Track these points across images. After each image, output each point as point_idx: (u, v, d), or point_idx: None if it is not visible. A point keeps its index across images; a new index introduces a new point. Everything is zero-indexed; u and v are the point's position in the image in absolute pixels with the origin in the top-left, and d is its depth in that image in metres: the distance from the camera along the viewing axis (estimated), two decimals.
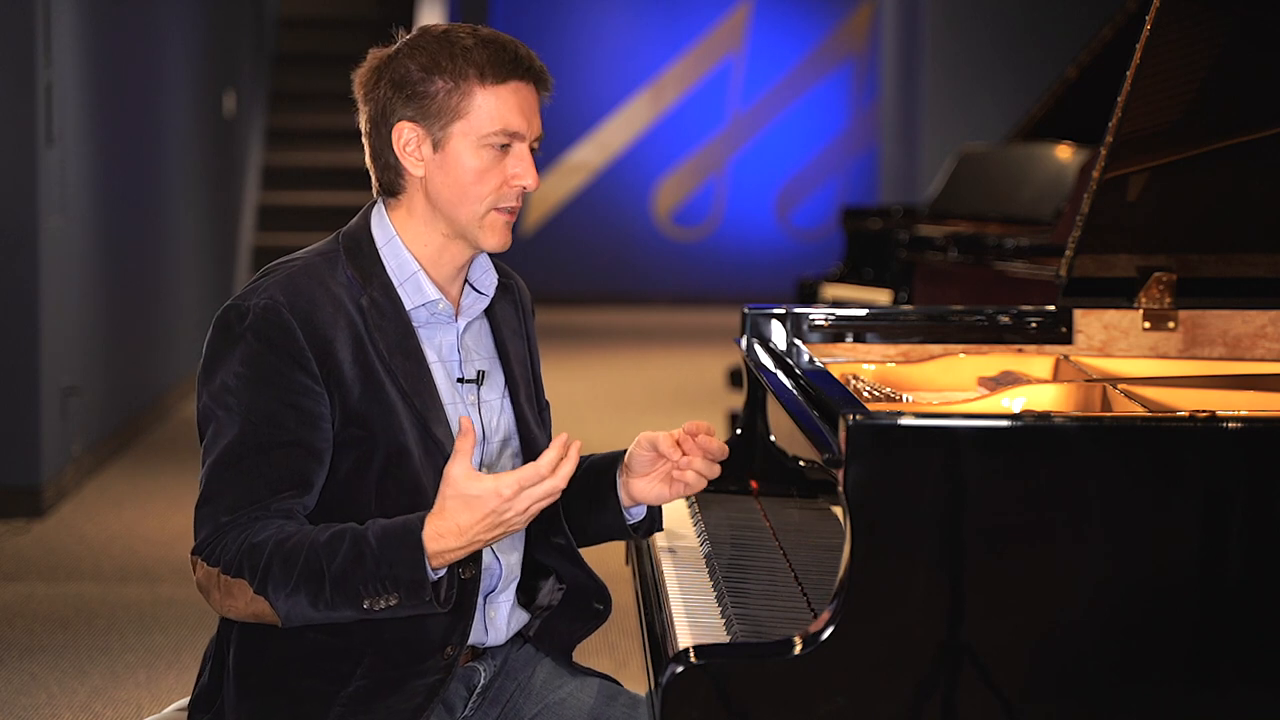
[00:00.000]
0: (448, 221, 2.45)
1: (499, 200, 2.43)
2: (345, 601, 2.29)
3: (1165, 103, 2.99)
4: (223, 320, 2.38)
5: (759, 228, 14.91)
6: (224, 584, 2.31)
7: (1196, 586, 2.14)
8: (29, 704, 4.53)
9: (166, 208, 8.95)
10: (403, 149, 2.43)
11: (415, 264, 2.46)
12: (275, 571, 2.29)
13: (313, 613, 2.31)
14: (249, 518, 2.32)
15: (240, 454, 2.33)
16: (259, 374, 2.33)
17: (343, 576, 2.28)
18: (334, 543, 2.30)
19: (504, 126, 2.41)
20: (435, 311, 2.47)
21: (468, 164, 2.41)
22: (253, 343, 2.34)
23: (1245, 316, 3.17)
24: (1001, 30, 10.23)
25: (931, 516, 2.13)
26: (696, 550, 2.77)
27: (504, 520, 2.27)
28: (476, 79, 2.40)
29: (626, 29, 14.86)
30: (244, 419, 2.33)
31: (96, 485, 7.15)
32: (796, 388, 2.62)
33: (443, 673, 2.40)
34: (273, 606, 2.30)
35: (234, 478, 2.33)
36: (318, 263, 2.43)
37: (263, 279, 2.40)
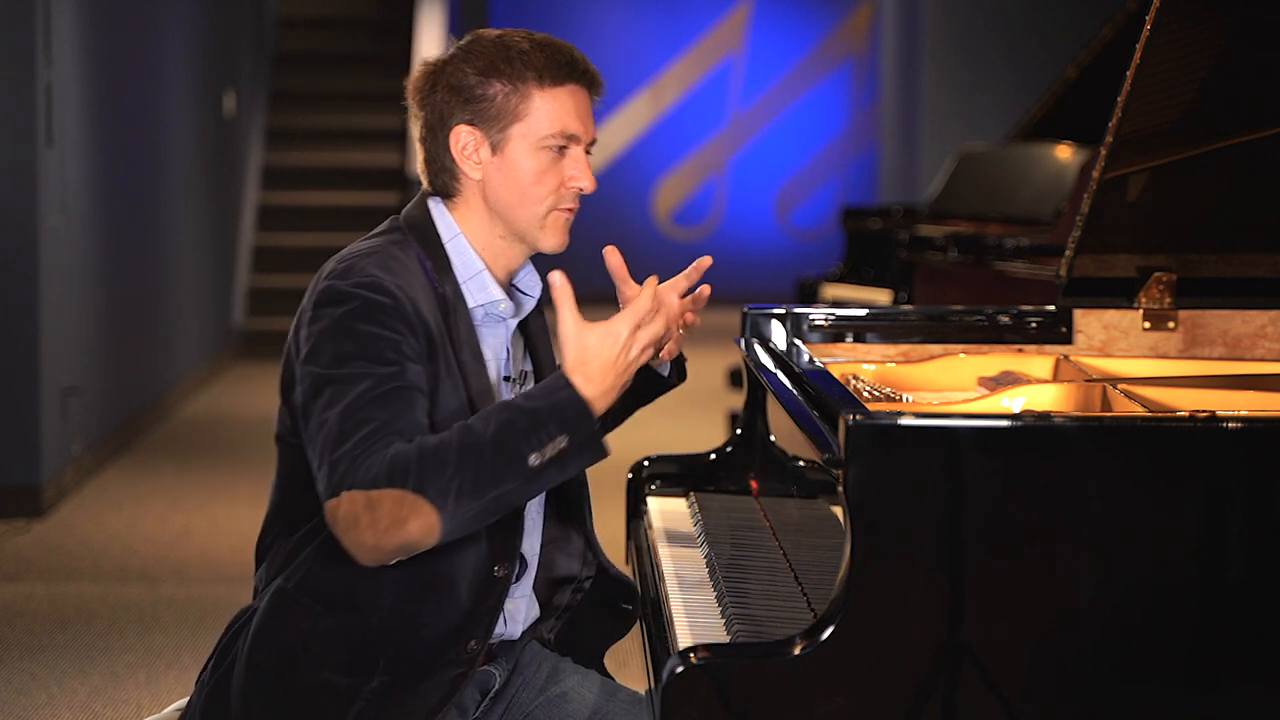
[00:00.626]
0: (506, 224, 2.47)
1: (558, 201, 2.47)
2: (510, 467, 2.25)
3: (1165, 103, 2.99)
4: (328, 300, 2.35)
5: (759, 228, 14.91)
6: (375, 501, 2.24)
7: (1196, 586, 2.14)
8: (29, 704, 4.53)
9: (166, 208, 8.95)
10: (460, 152, 2.45)
11: (480, 262, 2.48)
12: (429, 463, 2.24)
13: (475, 502, 2.25)
14: (385, 443, 2.27)
15: (373, 397, 2.29)
16: (378, 335, 2.32)
17: (501, 437, 2.25)
18: (482, 417, 2.28)
19: (562, 129, 2.44)
20: (492, 311, 2.49)
21: (526, 166, 2.44)
22: (367, 312, 2.33)
23: (1245, 316, 3.17)
24: (1001, 30, 10.23)
25: (931, 516, 2.13)
26: (696, 550, 2.77)
27: (628, 356, 2.32)
28: (535, 82, 2.43)
29: (626, 29, 14.86)
30: (373, 370, 2.30)
31: (96, 485, 7.15)
32: (796, 388, 2.62)
33: (464, 666, 2.40)
34: (432, 505, 2.23)
35: (369, 416, 2.28)
36: (395, 250, 2.43)
37: (349, 262, 2.39)
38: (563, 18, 14.77)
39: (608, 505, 2.81)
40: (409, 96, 2.51)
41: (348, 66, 12.49)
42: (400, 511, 2.24)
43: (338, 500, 2.26)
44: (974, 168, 7.17)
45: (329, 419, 2.30)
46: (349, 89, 12.26)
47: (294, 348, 2.42)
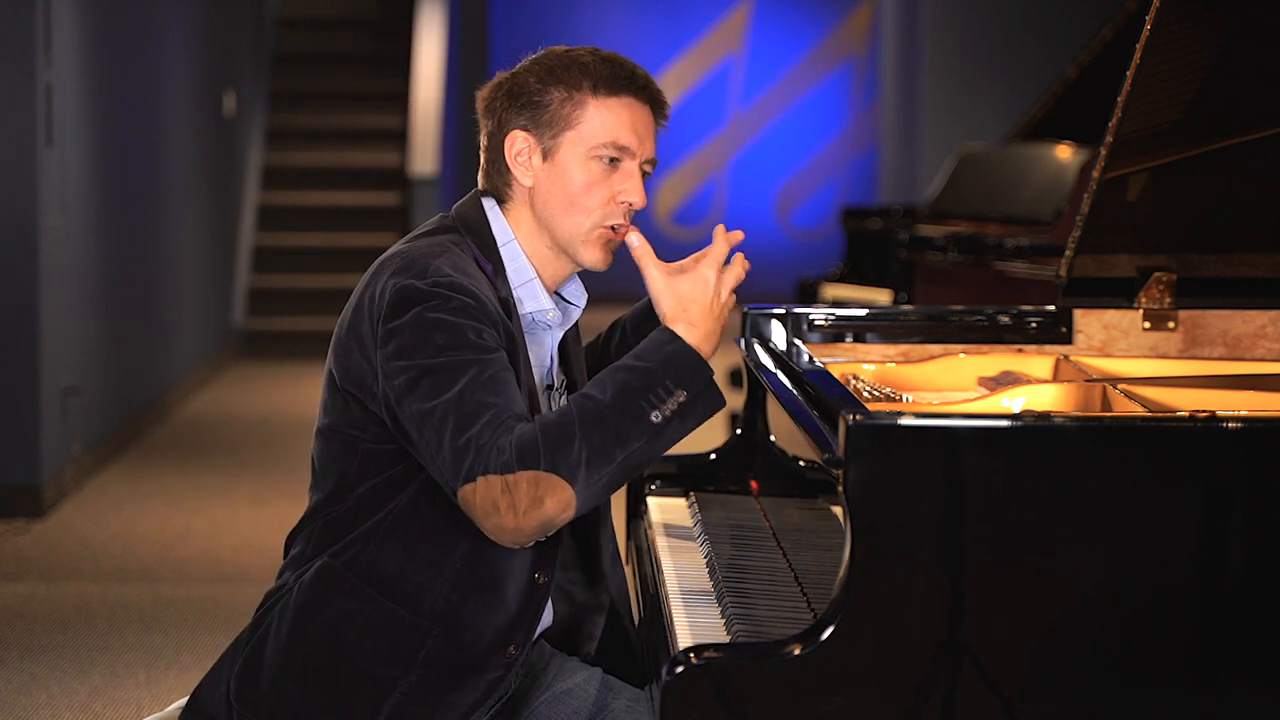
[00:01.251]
0: (552, 234, 2.48)
1: (605, 217, 2.47)
2: (634, 427, 2.27)
3: (1165, 103, 2.99)
4: (407, 299, 2.34)
5: (759, 228, 14.91)
6: (511, 484, 2.24)
7: (1196, 586, 2.14)
8: (29, 704, 4.53)
9: (166, 208, 8.95)
10: (514, 157, 2.46)
11: (532, 270, 2.49)
12: (554, 438, 2.25)
13: (605, 469, 2.26)
14: (508, 426, 2.28)
15: (484, 382, 2.29)
16: (467, 327, 2.32)
17: (620, 399, 2.28)
18: (597, 384, 2.31)
19: (613, 139, 2.45)
20: (540, 319, 2.50)
21: (576, 175, 2.45)
22: (451, 308, 2.33)
23: (1245, 316, 3.17)
24: (1001, 30, 10.23)
25: (931, 516, 2.13)
26: (696, 550, 2.77)
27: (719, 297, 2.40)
28: (590, 90, 2.44)
29: (627, 29, 14.86)
30: (476, 356, 2.31)
31: (96, 485, 7.15)
32: (796, 388, 2.62)
33: (503, 670, 2.41)
34: (566, 478, 2.24)
35: (486, 400, 2.28)
36: (457, 251, 2.43)
37: (420, 262, 2.37)
38: (563, 18, 14.77)
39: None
40: (478, 108, 2.52)
41: (348, 66, 12.49)
42: (536, 491, 2.25)
43: (473, 486, 2.26)
44: (974, 168, 7.17)
45: (439, 408, 2.30)
46: (349, 89, 12.26)
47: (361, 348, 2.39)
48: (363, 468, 2.42)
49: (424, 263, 2.38)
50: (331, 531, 2.43)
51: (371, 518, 2.40)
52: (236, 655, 2.45)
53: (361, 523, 2.41)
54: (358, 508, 2.42)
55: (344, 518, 2.43)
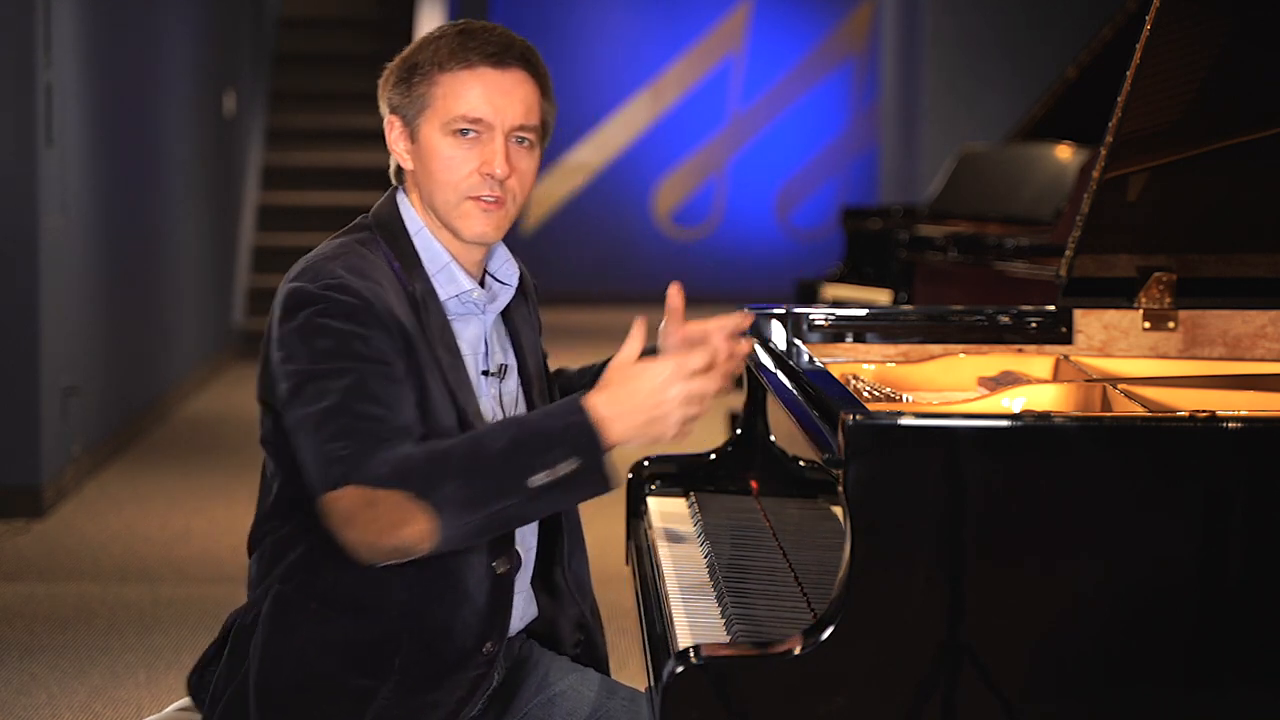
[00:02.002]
0: (434, 211, 2.48)
1: (471, 189, 2.44)
2: (512, 482, 2.22)
3: (1165, 103, 2.99)
4: (297, 302, 2.34)
5: (759, 228, 14.91)
6: (376, 501, 2.23)
7: (1196, 586, 2.14)
8: (29, 704, 4.53)
9: (166, 207, 8.95)
10: (393, 143, 2.49)
11: (446, 254, 2.48)
12: (434, 470, 2.23)
13: (473, 515, 2.22)
14: (389, 440, 2.26)
15: (364, 391, 2.28)
16: (355, 333, 2.32)
17: (509, 452, 2.23)
18: (494, 429, 2.28)
19: (463, 112, 2.43)
20: (467, 302, 2.49)
21: (435, 152, 2.44)
22: (340, 313, 2.32)
23: (1245, 316, 3.17)
24: (1002, 30, 10.23)
25: (931, 516, 2.13)
26: (696, 550, 2.77)
27: (664, 400, 2.24)
28: (438, 66, 2.44)
29: (626, 29, 14.86)
30: (358, 365, 2.30)
31: (96, 485, 7.15)
32: (796, 388, 2.62)
33: (483, 668, 2.41)
34: (432, 512, 2.21)
35: (364, 410, 2.27)
36: (362, 250, 2.43)
37: (316, 265, 2.38)
38: (563, 17, 14.77)
39: (608, 505, 2.80)
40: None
41: (348, 66, 12.49)
42: (399, 514, 2.23)
43: (339, 494, 2.25)
44: (974, 168, 7.16)
45: (316, 413, 2.29)
46: (349, 89, 12.26)
47: (265, 351, 2.41)
48: (290, 479, 2.40)
49: (320, 266, 2.37)
50: (279, 552, 2.42)
51: (311, 534, 2.38)
52: (219, 697, 2.44)
53: (303, 541, 2.40)
54: (296, 524, 2.40)
55: (288, 538, 2.41)
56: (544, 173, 14.72)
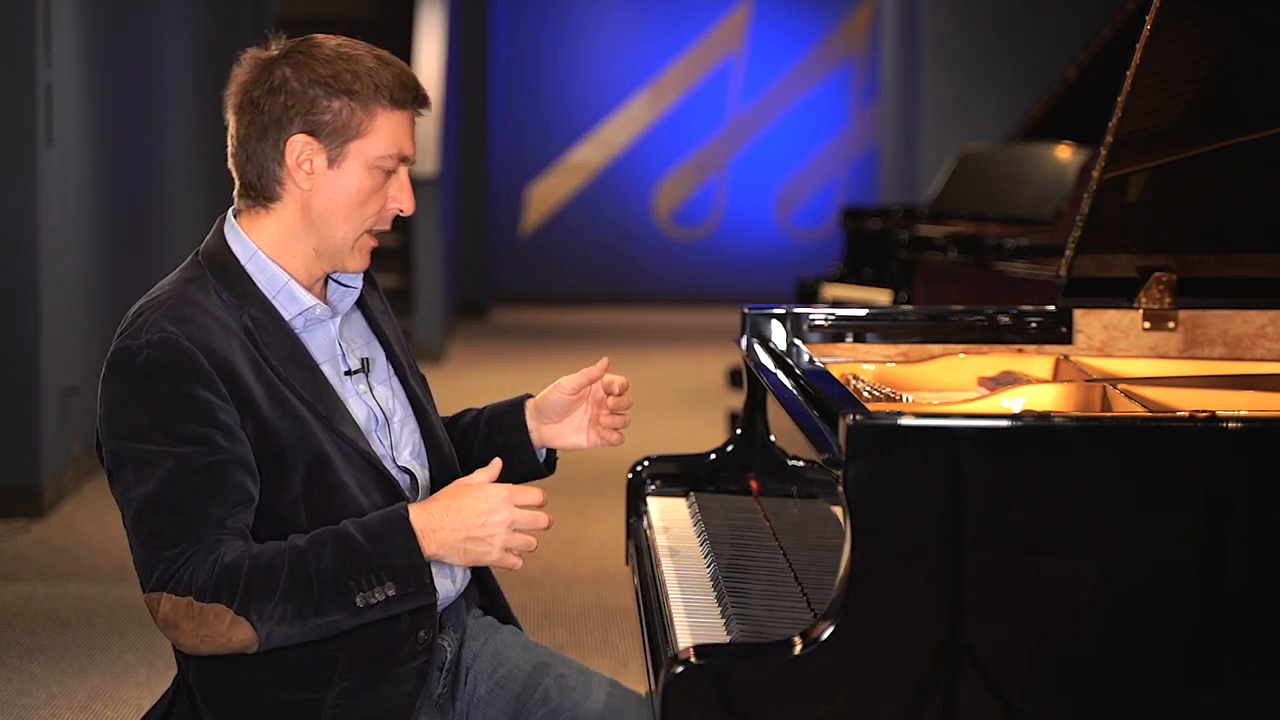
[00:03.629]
0: (320, 238, 2.45)
1: (376, 223, 2.46)
2: (336, 602, 2.28)
3: (1165, 103, 2.99)
4: (118, 363, 2.33)
5: (759, 228, 14.91)
6: (197, 612, 2.27)
7: (1196, 586, 2.14)
8: (29, 704, 4.53)
9: (166, 208, 8.95)
10: (294, 160, 2.42)
11: (284, 274, 2.45)
12: (256, 586, 2.26)
13: (296, 628, 2.28)
14: (210, 540, 2.28)
15: (182, 482, 2.28)
16: (175, 403, 2.29)
17: (333, 575, 2.28)
18: (316, 545, 2.29)
19: (399, 150, 2.44)
20: (312, 316, 2.47)
21: (357, 184, 2.42)
22: (159, 376, 2.30)
23: (1245, 316, 3.17)
24: (1001, 30, 10.23)
25: (931, 517, 2.13)
26: (696, 550, 2.77)
27: (487, 523, 2.32)
28: (381, 102, 2.42)
29: (626, 29, 14.86)
30: (175, 449, 2.28)
31: (96, 485, 7.15)
32: (796, 388, 2.62)
33: (423, 656, 2.41)
34: (254, 626, 2.26)
35: (181, 505, 2.28)
36: (190, 290, 2.39)
37: (143, 315, 2.35)
38: (563, 17, 14.77)
39: (608, 505, 2.80)
40: (234, 88, 2.49)
41: None
42: (221, 626, 2.27)
43: (159, 597, 2.28)
44: (974, 168, 7.17)
45: (136, 500, 2.29)
46: None
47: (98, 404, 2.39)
48: None
49: (144, 317, 2.35)
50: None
51: None
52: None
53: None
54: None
55: None
56: (544, 173, 14.73)
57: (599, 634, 5.05)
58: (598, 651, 4.84)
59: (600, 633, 5.06)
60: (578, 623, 5.11)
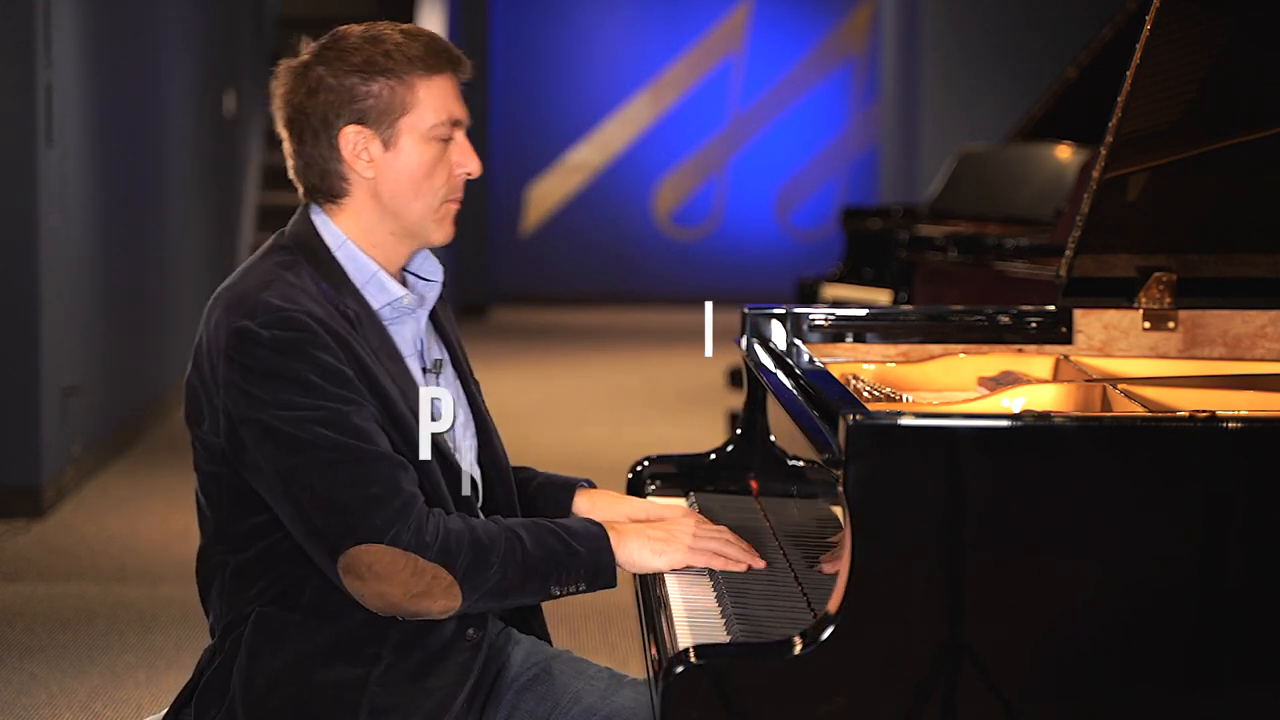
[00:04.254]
0: (398, 219, 2.47)
1: (449, 192, 2.48)
2: (536, 586, 2.39)
3: (1165, 103, 2.99)
4: (244, 342, 2.33)
5: (759, 228, 14.91)
6: (419, 569, 2.30)
7: (1196, 586, 2.14)
8: (29, 704, 4.53)
9: (166, 208, 8.95)
10: (351, 153, 2.44)
11: (373, 264, 2.47)
12: (478, 561, 2.33)
13: (493, 602, 2.38)
14: (406, 490, 2.32)
15: (352, 436, 2.31)
16: (312, 370, 2.32)
17: (540, 563, 2.38)
18: (531, 533, 2.39)
19: (449, 115, 2.45)
20: (399, 308, 2.49)
21: (418, 158, 2.44)
22: (290, 349, 2.32)
23: (1245, 316, 3.17)
24: (1001, 30, 10.23)
25: (931, 517, 2.13)
26: None
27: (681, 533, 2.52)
28: (418, 72, 2.43)
29: (626, 29, 14.86)
30: (330, 407, 2.31)
31: (96, 485, 7.15)
32: (796, 388, 2.62)
33: (470, 653, 2.43)
34: (464, 595, 2.33)
35: (365, 456, 2.30)
36: (288, 275, 2.41)
37: (253, 296, 2.36)
38: (563, 17, 14.77)
39: None
40: (278, 102, 2.48)
41: None
42: (436, 588, 2.32)
43: (371, 549, 2.29)
44: (974, 168, 7.17)
45: (307, 461, 2.30)
46: None
47: (201, 385, 2.39)
48: (236, 504, 2.41)
49: (253, 298, 2.36)
50: (245, 580, 2.42)
51: (276, 552, 2.39)
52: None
53: (270, 561, 2.40)
54: (256, 548, 2.41)
55: (250, 563, 2.41)
56: (544, 172, 14.73)
57: (599, 634, 5.05)
58: (598, 651, 4.84)
59: (600, 633, 5.06)
60: (578, 623, 5.11)
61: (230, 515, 2.42)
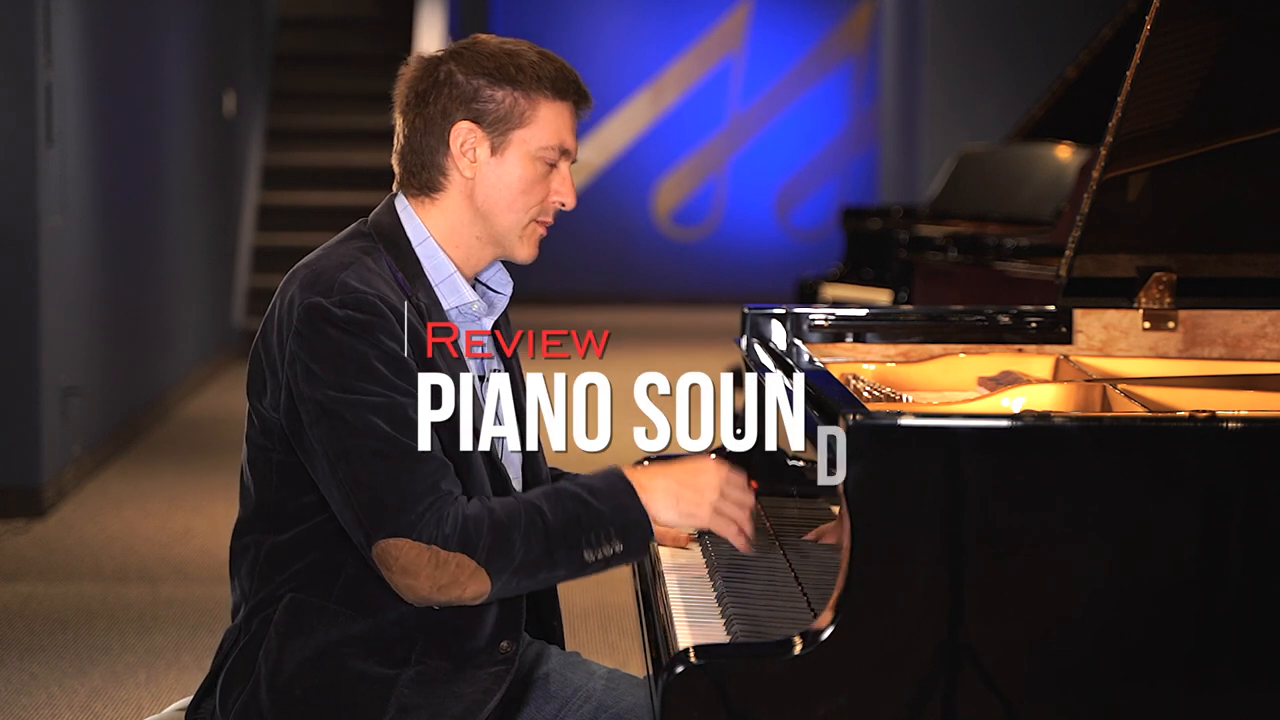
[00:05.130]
0: (486, 226, 2.49)
1: (540, 214, 2.51)
2: (566, 556, 2.34)
3: (1165, 103, 2.99)
4: (315, 318, 2.35)
5: (759, 228, 14.91)
6: (442, 561, 2.30)
7: (1196, 586, 2.14)
8: (29, 704, 4.53)
9: (166, 208, 8.95)
10: (459, 148, 2.46)
11: (451, 265, 2.49)
12: (498, 541, 2.31)
13: (526, 581, 2.34)
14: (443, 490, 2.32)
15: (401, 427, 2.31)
16: (379, 356, 2.33)
17: (566, 531, 2.33)
18: (550, 501, 2.35)
19: (560, 142, 2.50)
20: (467, 312, 2.51)
21: (520, 172, 2.48)
22: (360, 331, 2.34)
23: (1245, 316, 3.17)
24: (1001, 30, 10.23)
25: (931, 517, 2.13)
26: (696, 550, 2.77)
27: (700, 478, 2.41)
28: (545, 92, 2.47)
29: (626, 29, 14.86)
30: (387, 399, 2.32)
31: (96, 485, 7.15)
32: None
33: (503, 664, 2.43)
34: (492, 577, 2.31)
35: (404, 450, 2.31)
36: (368, 260, 2.43)
37: (328, 274, 2.38)
38: (563, 18, 14.77)
39: None
40: (402, 88, 2.51)
41: (348, 66, 12.49)
42: (462, 576, 2.31)
43: (397, 543, 2.30)
44: (974, 168, 7.17)
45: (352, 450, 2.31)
46: (349, 89, 12.25)
47: (267, 357, 2.40)
48: (283, 483, 2.42)
49: (331, 276, 2.38)
50: (280, 561, 2.42)
51: (317, 536, 2.40)
52: (229, 708, 2.43)
53: (309, 544, 2.41)
54: (297, 529, 2.41)
55: (288, 545, 2.41)
56: None
57: (599, 634, 5.05)
58: (598, 651, 4.84)
59: (600, 633, 5.06)
60: (578, 623, 5.11)
61: (276, 494, 2.42)
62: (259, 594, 2.44)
